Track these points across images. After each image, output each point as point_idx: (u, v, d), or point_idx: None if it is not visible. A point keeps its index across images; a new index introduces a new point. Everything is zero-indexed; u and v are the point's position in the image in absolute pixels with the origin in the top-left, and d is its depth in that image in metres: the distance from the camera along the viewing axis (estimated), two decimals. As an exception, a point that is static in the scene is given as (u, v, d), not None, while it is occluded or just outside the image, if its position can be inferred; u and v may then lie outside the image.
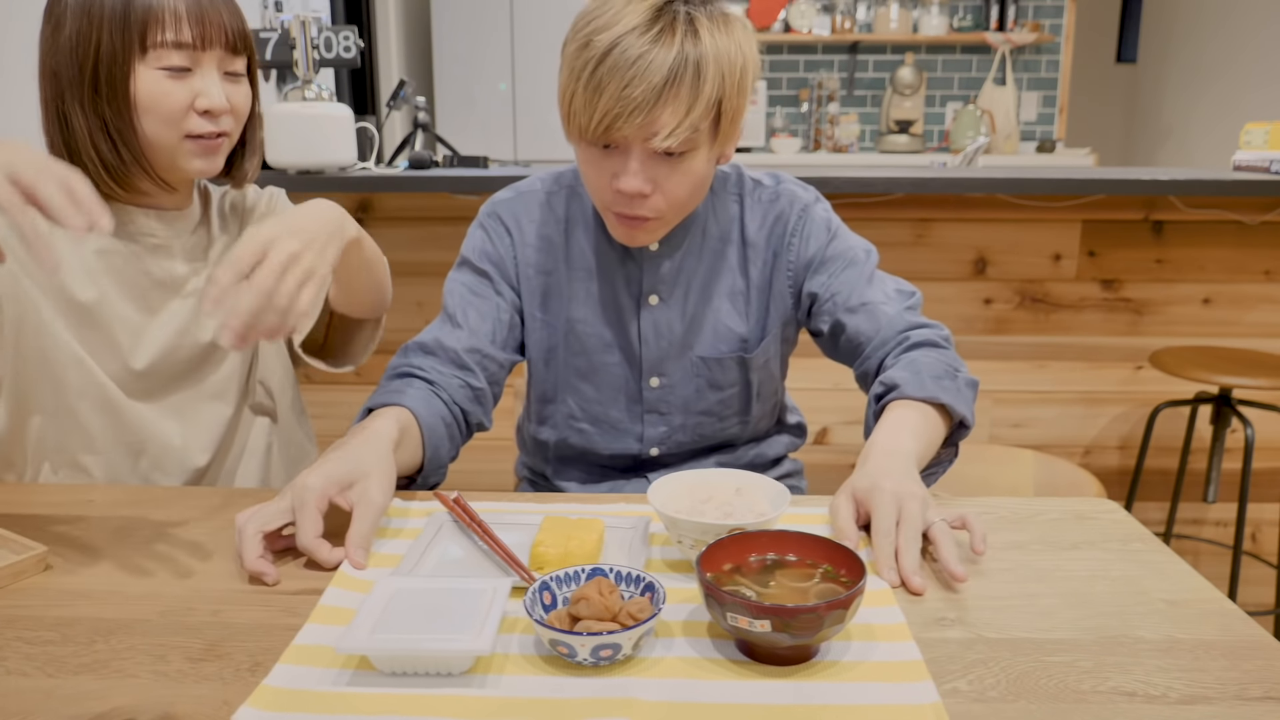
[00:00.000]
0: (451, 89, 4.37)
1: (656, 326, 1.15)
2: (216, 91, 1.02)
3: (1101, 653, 0.70)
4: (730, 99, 0.98)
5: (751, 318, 1.17)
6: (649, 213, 1.02)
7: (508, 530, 0.87)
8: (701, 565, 0.71)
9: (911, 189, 1.97)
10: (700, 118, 0.96)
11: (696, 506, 0.85)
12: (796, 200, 1.16)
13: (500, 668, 0.67)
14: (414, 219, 2.15)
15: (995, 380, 2.22)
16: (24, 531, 0.87)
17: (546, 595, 0.72)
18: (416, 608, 0.70)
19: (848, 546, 0.74)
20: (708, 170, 1.04)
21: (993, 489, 1.65)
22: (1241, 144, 2.19)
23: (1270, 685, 0.66)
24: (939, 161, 4.03)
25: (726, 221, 1.16)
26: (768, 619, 0.64)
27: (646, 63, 0.93)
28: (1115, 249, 2.13)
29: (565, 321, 1.17)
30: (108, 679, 0.67)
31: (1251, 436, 1.92)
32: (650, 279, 1.14)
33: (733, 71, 0.97)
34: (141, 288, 1.08)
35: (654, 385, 1.17)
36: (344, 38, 2.30)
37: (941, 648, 0.71)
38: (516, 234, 1.16)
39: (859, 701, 0.63)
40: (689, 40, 0.94)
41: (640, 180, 0.99)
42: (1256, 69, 4.35)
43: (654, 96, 0.93)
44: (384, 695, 0.64)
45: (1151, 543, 0.89)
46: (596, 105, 0.95)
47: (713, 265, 1.15)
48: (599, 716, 0.61)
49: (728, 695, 0.64)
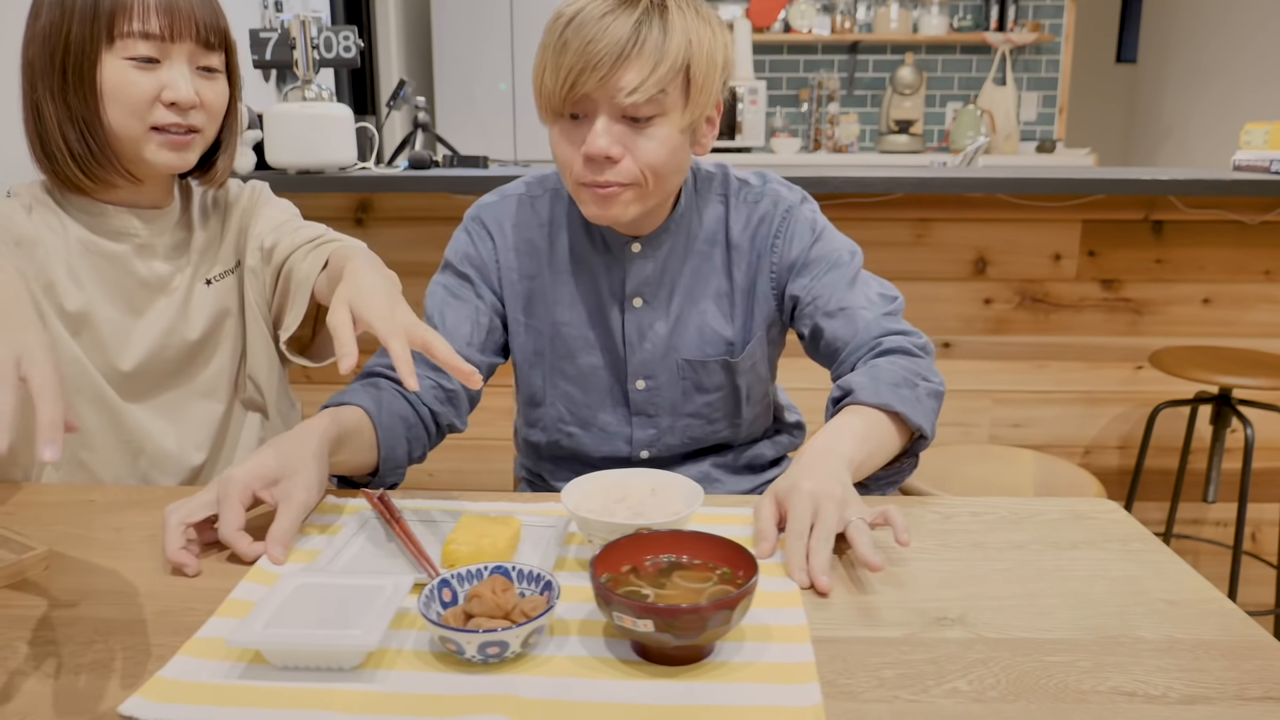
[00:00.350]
0: (451, 89, 4.37)
1: (640, 329, 1.14)
2: (184, 84, 1.01)
3: (1101, 653, 0.70)
4: (699, 64, 0.98)
5: (737, 320, 1.15)
6: (621, 178, 0.99)
7: (434, 527, 0.88)
8: (599, 565, 0.72)
9: (911, 189, 1.97)
10: (666, 78, 0.95)
11: (609, 506, 0.85)
12: (781, 200, 1.15)
13: (392, 663, 0.68)
14: (414, 219, 2.15)
15: (995, 380, 2.22)
16: (25, 532, 0.87)
17: (446, 592, 0.72)
18: (315, 603, 0.71)
19: (745, 548, 0.74)
20: (680, 144, 1.01)
21: (993, 489, 1.65)
22: (1241, 144, 2.19)
23: (1270, 685, 0.66)
24: (939, 161, 4.03)
25: (711, 222, 1.15)
26: (650, 619, 0.65)
27: (610, 21, 0.94)
28: (1115, 249, 2.13)
29: (550, 325, 1.16)
30: (108, 679, 0.67)
31: (1251, 436, 1.92)
32: (634, 281, 1.13)
33: (700, 40, 0.97)
34: (126, 289, 1.08)
35: (640, 388, 1.17)
36: (344, 38, 2.30)
37: (941, 648, 0.71)
38: (499, 237, 1.16)
39: (739, 702, 0.63)
40: (654, 8, 0.96)
41: (607, 140, 0.97)
42: (1256, 69, 4.35)
43: (617, 50, 0.93)
44: (273, 688, 0.65)
45: (1151, 543, 0.89)
46: (561, 65, 0.95)
47: (697, 267, 1.14)
48: (478, 713, 0.62)
49: (608, 694, 0.64)
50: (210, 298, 1.14)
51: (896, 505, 0.85)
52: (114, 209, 1.08)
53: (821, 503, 0.84)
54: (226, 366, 1.16)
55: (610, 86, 0.95)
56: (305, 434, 0.91)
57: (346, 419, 0.98)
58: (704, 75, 0.99)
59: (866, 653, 0.70)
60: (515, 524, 0.85)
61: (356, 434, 0.99)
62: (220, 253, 1.17)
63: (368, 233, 2.12)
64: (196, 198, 1.18)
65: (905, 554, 0.86)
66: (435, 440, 1.12)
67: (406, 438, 1.05)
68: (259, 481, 0.85)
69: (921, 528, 0.92)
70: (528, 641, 0.68)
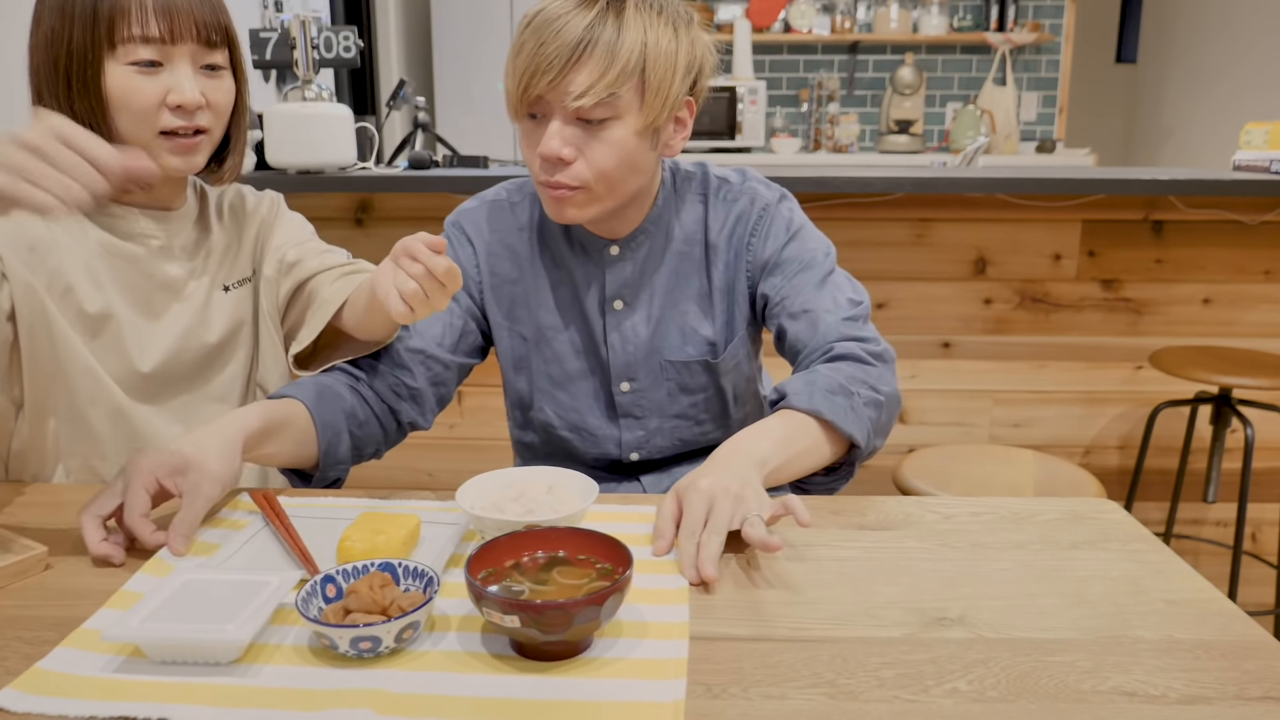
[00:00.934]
0: (451, 89, 4.37)
1: (622, 331, 1.14)
2: (189, 86, 1.00)
3: (1101, 653, 0.70)
4: (655, 66, 0.97)
5: (717, 321, 1.15)
6: (572, 180, 1.00)
7: (335, 525, 0.88)
8: (480, 562, 0.73)
9: (911, 189, 1.97)
10: (618, 80, 0.95)
11: (503, 503, 0.86)
12: (759, 198, 1.14)
13: (269, 658, 0.68)
14: (414, 219, 2.15)
15: (995, 380, 2.22)
16: (25, 531, 0.87)
17: (330, 588, 0.73)
18: (198, 598, 0.71)
19: (625, 546, 0.74)
20: (636, 146, 1.00)
21: (993, 489, 1.65)
22: (1241, 144, 2.18)
23: (1270, 685, 0.66)
24: (939, 161, 4.03)
25: (691, 223, 1.14)
26: (516, 614, 0.66)
27: (565, 22, 0.94)
28: (1115, 249, 2.13)
29: (534, 329, 1.16)
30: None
31: (1251, 436, 1.92)
32: (613, 284, 1.13)
33: (659, 41, 0.97)
34: (145, 291, 1.09)
35: (624, 390, 1.17)
36: (344, 38, 2.30)
37: (941, 648, 0.71)
38: (479, 243, 1.16)
39: (601, 698, 0.64)
40: (610, 8, 0.96)
41: (558, 142, 0.97)
42: (1257, 69, 4.35)
43: (567, 53, 0.94)
44: (146, 682, 0.65)
45: (1151, 543, 0.89)
46: (517, 66, 0.97)
47: (677, 268, 1.14)
48: (345, 707, 0.62)
49: (473, 689, 0.65)
50: (228, 304, 1.15)
51: (795, 497, 0.84)
52: (128, 211, 1.08)
53: (716, 498, 0.84)
54: (239, 373, 1.16)
55: (560, 89, 0.95)
56: (222, 426, 0.91)
57: (277, 411, 0.98)
58: (661, 77, 0.98)
59: (866, 653, 0.70)
60: (413, 521, 0.86)
61: (288, 425, 0.99)
62: (238, 261, 1.17)
63: (368, 233, 2.12)
64: (213, 199, 1.18)
65: (905, 554, 0.87)
66: (395, 437, 1.12)
67: (351, 432, 1.05)
68: (165, 469, 0.85)
69: (921, 528, 0.92)
70: (401, 637, 0.69)
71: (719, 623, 0.75)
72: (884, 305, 2.17)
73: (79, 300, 1.04)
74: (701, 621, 0.75)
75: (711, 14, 4.78)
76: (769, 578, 0.82)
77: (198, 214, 1.15)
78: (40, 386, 1.04)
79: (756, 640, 0.72)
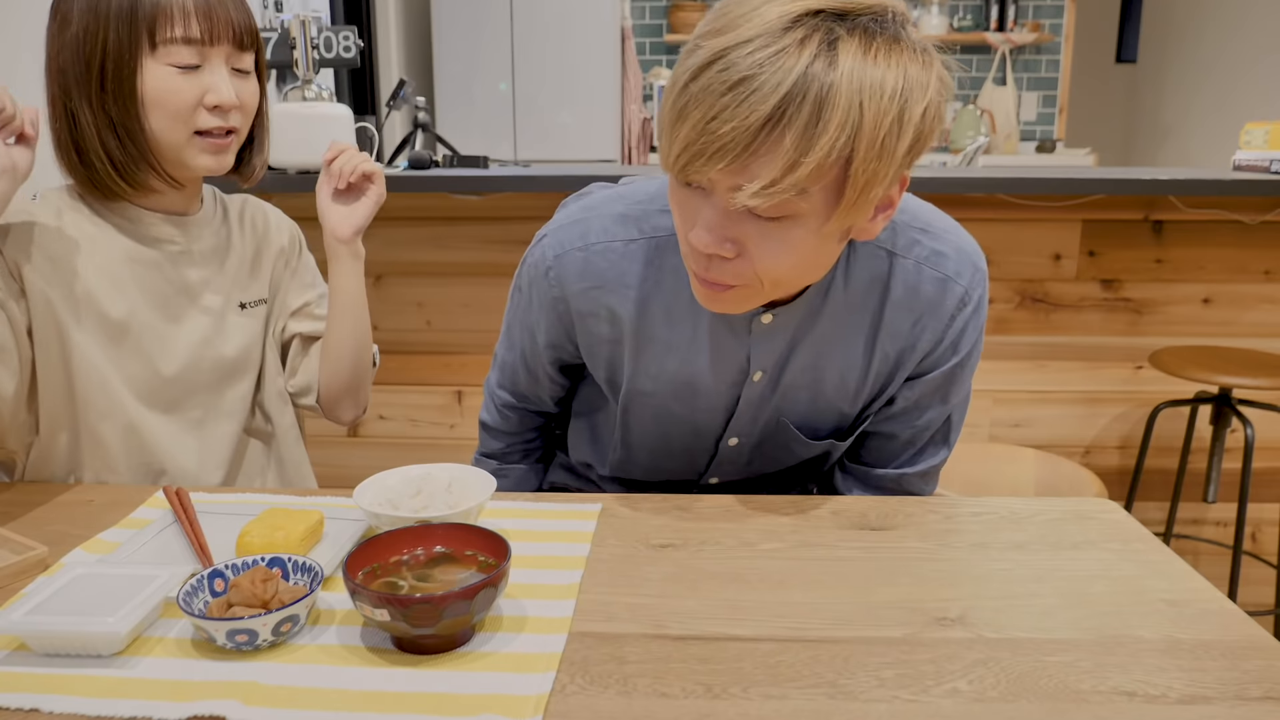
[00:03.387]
0: (451, 89, 4.37)
1: (752, 399, 0.98)
2: (226, 87, 1.02)
3: (1101, 653, 0.70)
4: (865, 158, 0.71)
5: (860, 402, 0.98)
6: (728, 278, 0.80)
7: (238, 521, 0.89)
8: (360, 558, 0.73)
9: (911, 189, 1.97)
10: (809, 178, 0.70)
11: (400, 500, 0.87)
12: (960, 283, 0.92)
13: (150, 650, 0.69)
14: (414, 219, 2.15)
15: (995, 380, 2.22)
16: (25, 532, 0.87)
17: (219, 582, 0.74)
18: (86, 591, 0.72)
19: (506, 541, 0.75)
20: (823, 246, 0.79)
21: (994, 488, 1.65)
22: (1241, 144, 2.18)
23: (1270, 685, 0.66)
24: (939, 161, 4.03)
25: (864, 282, 0.92)
26: (386, 608, 0.66)
27: (749, 89, 0.68)
28: (1115, 249, 2.13)
29: (655, 373, 0.99)
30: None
31: (1251, 436, 1.91)
32: (759, 356, 0.94)
33: (878, 118, 0.70)
34: (165, 295, 1.09)
35: (732, 445, 1.04)
36: (344, 38, 2.30)
37: (941, 648, 0.71)
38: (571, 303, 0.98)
39: (465, 690, 0.65)
40: (820, 62, 0.68)
41: (714, 238, 0.77)
42: (1257, 68, 4.35)
43: (747, 138, 0.69)
44: (21, 674, 0.66)
45: (1151, 543, 0.89)
46: (676, 134, 0.73)
47: (833, 334, 0.93)
48: (215, 698, 0.63)
49: (344, 681, 0.66)
50: (243, 323, 1.16)
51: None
52: (148, 214, 1.08)
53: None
54: (248, 392, 1.17)
55: (730, 179, 0.72)
56: None
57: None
58: (871, 175, 0.72)
59: (866, 653, 0.70)
60: (316, 517, 0.87)
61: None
62: (255, 280, 1.18)
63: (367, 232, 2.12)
64: (233, 208, 1.18)
65: (905, 554, 0.87)
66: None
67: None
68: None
69: (922, 528, 0.92)
70: (280, 630, 0.69)
71: (718, 623, 0.75)
72: (884, 305, 2.17)
73: (101, 306, 1.04)
74: (701, 621, 0.75)
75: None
76: (769, 578, 0.82)
77: (215, 220, 1.15)
78: (53, 402, 1.05)
79: (756, 640, 0.72)
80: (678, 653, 0.70)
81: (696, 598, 0.78)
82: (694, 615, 0.76)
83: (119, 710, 0.62)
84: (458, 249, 2.16)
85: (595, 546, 0.88)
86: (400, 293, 2.19)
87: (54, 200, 1.06)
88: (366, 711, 0.63)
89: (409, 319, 2.19)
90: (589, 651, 0.71)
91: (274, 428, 1.20)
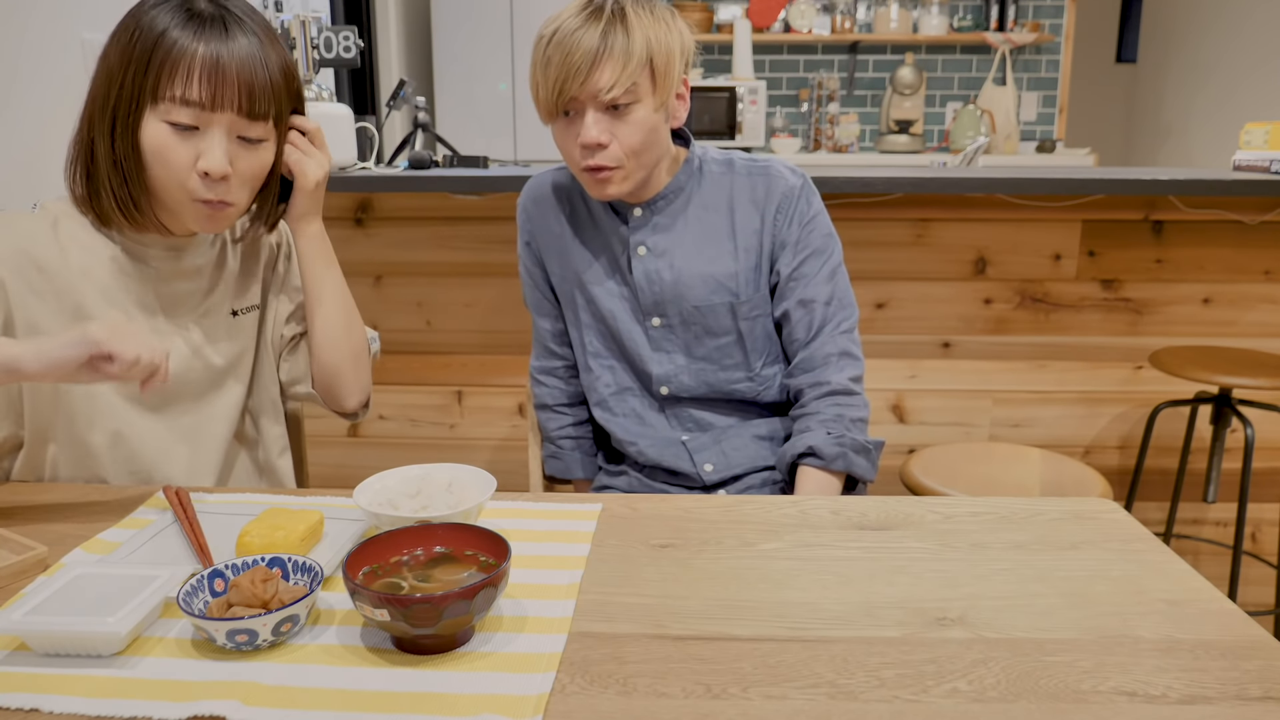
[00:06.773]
0: (451, 89, 4.37)
1: (648, 274, 1.31)
2: (218, 156, 0.98)
3: (1101, 653, 0.70)
4: (660, 56, 1.17)
5: (741, 274, 1.30)
6: (610, 161, 1.19)
7: (238, 521, 0.89)
8: (361, 558, 0.74)
9: (911, 189, 1.97)
10: (635, 72, 1.15)
11: (400, 500, 0.88)
12: (784, 179, 1.29)
13: (150, 650, 0.69)
14: (414, 219, 2.15)
15: (995, 380, 2.22)
16: (24, 532, 0.87)
17: (219, 582, 0.74)
18: (86, 592, 0.72)
19: (506, 540, 0.75)
20: (656, 121, 1.20)
21: (998, 487, 1.65)
22: (1241, 144, 2.18)
23: (1270, 685, 0.66)
24: (939, 161, 4.03)
25: (714, 194, 1.30)
26: (386, 608, 0.67)
27: (581, 34, 1.14)
28: (1115, 249, 2.13)
29: (574, 278, 1.35)
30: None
31: (1251, 436, 1.91)
32: (638, 234, 1.30)
33: (658, 36, 1.17)
34: (156, 306, 1.09)
35: (655, 325, 1.33)
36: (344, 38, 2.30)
37: (941, 648, 0.71)
38: (534, 222, 1.39)
39: (467, 690, 0.65)
40: (615, 17, 1.15)
41: (596, 130, 1.17)
42: (1257, 68, 4.35)
43: (591, 58, 1.13)
44: (22, 674, 0.66)
45: (1151, 543, 0.89)
46: (549, 76, 1.15)
47: (699, 230, 1.30)
48: (216, 698, 0.63)
49: (343, 681, 0.66)
50: (235, 329, 1.16)
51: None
52: (145, 236, 1.08)
53: None
54: (239, 398, 1.16)
55: (590, 87, 1.15)
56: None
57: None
58: (665, 64, 1.18)
59: (866, 653, 0.70)
60: (316, 517, 0.87)
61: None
62: (249, 288, 1.18)
63: (368, 232, 2.12)
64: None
65: (905, 554, 0.87)
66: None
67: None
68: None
69: (922, 528, 0.92)
70: (280, 630, 0.69)
71: (718, 623, 0.75)
72: (884, 305, 2.17)
73: (92, 316, 1.03)
74: (701, 621, 0.75)
75: (711, 14, 4.78)
76: (768, 578, 0.82)
77: (211, 240, 1.15)
78: (41, 415, 1.05)
79: (756, 640, 0.72)
80: (677, 653, 0.70)
81: (696, 598, 0.78)
82: (694, 615, 0.76)
83: (119, 710, 0.62)
84: (458, 249, 2.16)
85: (595, 546, 0.88)
86: (400, 293, 2.19)
87: (53, 210, 1.06)
88: (366, 711, 0.63)
89: (409, 319, 2.19)
90: (589, 651, 0.71)
91: (262, 437, 1.20)
